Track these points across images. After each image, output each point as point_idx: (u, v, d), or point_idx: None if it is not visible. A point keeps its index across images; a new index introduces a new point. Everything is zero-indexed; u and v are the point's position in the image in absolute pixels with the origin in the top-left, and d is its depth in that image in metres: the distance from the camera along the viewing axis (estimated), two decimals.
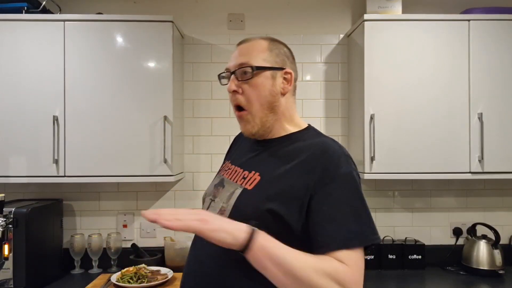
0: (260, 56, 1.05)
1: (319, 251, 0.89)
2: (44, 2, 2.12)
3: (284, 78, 1.08)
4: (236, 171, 1.11)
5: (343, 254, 0.87)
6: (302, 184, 0.94)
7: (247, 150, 1.16)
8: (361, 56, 2.06)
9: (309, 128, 1.12)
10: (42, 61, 1.98)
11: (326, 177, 0.94)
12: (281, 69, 1.07)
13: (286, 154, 1.03)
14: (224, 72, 1.11)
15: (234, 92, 1.06)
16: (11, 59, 1.97)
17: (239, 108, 1.08)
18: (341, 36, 2.38)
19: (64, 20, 1.99)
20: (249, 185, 1.01)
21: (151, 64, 2.02)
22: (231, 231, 0.85)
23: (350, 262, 0.86)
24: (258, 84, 1.04)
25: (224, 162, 1.27)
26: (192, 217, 0.86)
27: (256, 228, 0.87)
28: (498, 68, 2.02)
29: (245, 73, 1.04)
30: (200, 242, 0.98)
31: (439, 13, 2.20)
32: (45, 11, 2.13)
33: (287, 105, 1.09)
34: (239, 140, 1.29)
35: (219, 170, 1.23)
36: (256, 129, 1.06)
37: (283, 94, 1.08)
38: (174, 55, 2.04)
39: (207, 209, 1.09)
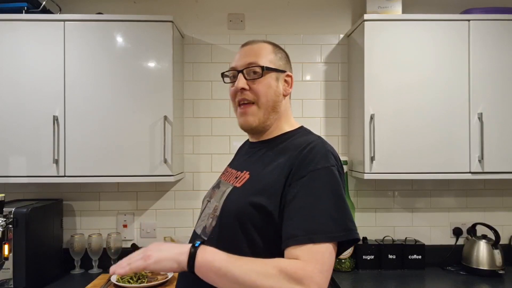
0: (267, 58, 1.11)
1: (282, 245, 0.91)
2: (44, 2, 2.12)
3: (285, 81, 1.14)
4: (231, 172, 1.17)
5: (301, 249, 0.87)
6: (282, 179, 0.97)
7: (243, 154, 1.24)
8: (361, 56, 2.06)
9: (301, 128, 1.17)
10: (42, 61, 1.98)
11: (300, 172, 0.96)
12: (284, 72, 1.14)
13: (276, 152, 1.07)
14: (228, 71, 1.15)
15: (242, 89, 1.09)
16: (11, 59, 1.97)
17: (245, 103, 1.10)
18: (341, 36, 2.38)
19: (64, 20, 1.99)
20: (239, 183, 1.06)
21: (151, 64, 2.02)
22: (173, 257, 0.90)
23: (305, 257, 0.86)
24: (265, 84, 1.09)
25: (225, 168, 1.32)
26: (138, 257, 0.92)
27: (200, 245, 0.91)
28: (498, 68, 2.02)
29: (254, 73, 1.09)
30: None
31: (439, 13, 2.20)
32: (45, 11, 2.13)
33: (286, 106, 1.16)
34: (241, 149, 1.34)
35: (220, 175, 1.28)
36: (257, 123, 1.10)
37: (284, 96, 1.14)
38: (174, 55, 2.04)
39: (204, 209, 1.15)
